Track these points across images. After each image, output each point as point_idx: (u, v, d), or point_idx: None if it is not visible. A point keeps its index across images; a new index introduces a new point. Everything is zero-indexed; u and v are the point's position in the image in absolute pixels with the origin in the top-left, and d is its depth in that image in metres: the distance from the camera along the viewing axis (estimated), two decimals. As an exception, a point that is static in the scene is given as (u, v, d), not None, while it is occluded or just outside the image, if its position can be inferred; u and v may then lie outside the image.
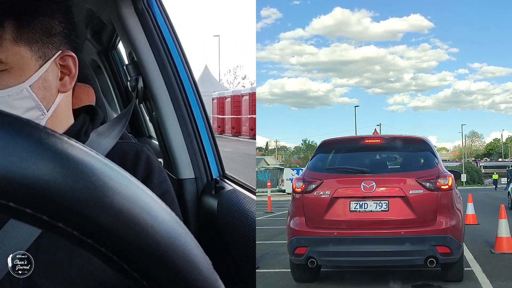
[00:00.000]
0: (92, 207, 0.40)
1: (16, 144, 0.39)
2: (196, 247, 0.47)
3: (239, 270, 1.91)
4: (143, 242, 0.42)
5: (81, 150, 0.42)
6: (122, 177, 0.43)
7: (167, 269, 0.43)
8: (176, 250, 0.44)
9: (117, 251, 0.42)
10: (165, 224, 0.44)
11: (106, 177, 0.42)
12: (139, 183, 0.45)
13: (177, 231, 0.45)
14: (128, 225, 0.41)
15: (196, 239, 0.48)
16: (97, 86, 1.69)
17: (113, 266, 0.43)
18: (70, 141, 0.42)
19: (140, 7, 2.31)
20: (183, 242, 0.45)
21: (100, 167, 0.42)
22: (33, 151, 0.39)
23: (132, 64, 2.38)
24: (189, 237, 0.47)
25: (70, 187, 0.40)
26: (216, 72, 40.96)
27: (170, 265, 0.43)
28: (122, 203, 0.42)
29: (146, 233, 0.42)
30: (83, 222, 0.40)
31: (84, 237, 0.41)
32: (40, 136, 0.40)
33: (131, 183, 0.44)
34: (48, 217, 0.40)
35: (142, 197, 0.44)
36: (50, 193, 0.39)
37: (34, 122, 0.41)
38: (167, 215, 0.45)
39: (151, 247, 0.43)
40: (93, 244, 0.41)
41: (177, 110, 2.36)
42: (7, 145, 0.38)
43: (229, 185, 2.35)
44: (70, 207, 0.40)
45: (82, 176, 0.40)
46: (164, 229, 0.44)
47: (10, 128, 0.39)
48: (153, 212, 0.44)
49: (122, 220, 0.41)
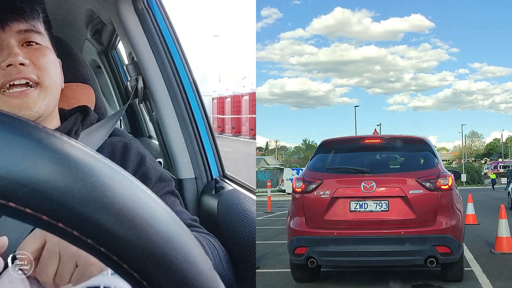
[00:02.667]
0: (92, 207, 0.40)
1: (16, 144, 0.39)
2: (196, 247, 0.47)
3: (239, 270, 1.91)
4: (143, 242, 0.42)
5: (81, 150, 0.42)
6: (122, 177, 0.43)
7: (167, 269, 0.43)
8: (176, 250, 0.44)
9: (117, 251, 0.42)
10: (165, 224, 0.44)
11: (106, 177, 0.42)
12: (139, 183, 0.45)
13: (177, 231, 0.45)
14: (128, 225, 0.41)
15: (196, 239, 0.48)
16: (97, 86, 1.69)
17: (113, 266, 0.43)
18: (70, 141, 0.42)
19: (140, 7, 2.31)
20: (183, 242, 0.45)
21: (100, 167, 0.42)
22: (33, 151, 0.39)
23: (132, 64, 2.38)
24: (189, 237, 0.47)
25: (70, 187, 0.40)
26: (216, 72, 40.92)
27: (170, 265, 0.43)
28: (122, 203, 0.42)
29: (146, 233, 0.42)
30: (83, 222, 0.40)
31: (84, 237, 0.41)
32: (40, 136, 0.40)
33: (131, 183, 0.44)
34: (48, 217, 0.40)
35: (142, 197, 0.44)
36: (50, 193, 0.39)
37: (34, 122, 0.41)
38: (167, 215, 0.45)
39: (151, 247, 0.43)
40: (93, 244, 0.41)
41: (177, 110, 2.36)
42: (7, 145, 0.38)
43: (229, 185, 2.35)
44: (70, 207, 0.40)
45: (82, 176, 0.40)
46: (164, 229, 0.44)
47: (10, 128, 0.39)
48: (153, 212, 0.44)
49: (122, 220, 0.41)
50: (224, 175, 2.51)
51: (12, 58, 1.21)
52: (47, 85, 1.27)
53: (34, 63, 1.25)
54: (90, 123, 1.47)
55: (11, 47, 1.22)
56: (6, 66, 1.21)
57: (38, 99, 1.25)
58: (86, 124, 1.45)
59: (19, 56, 1.22)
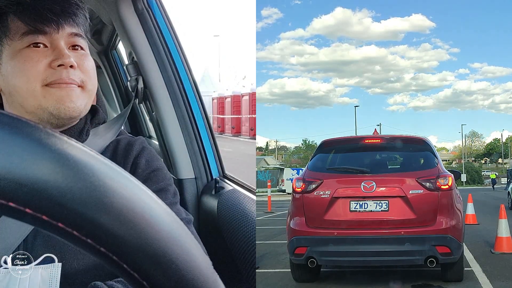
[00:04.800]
0: (92, 207, 0.40)
1: (16, 144, 0.39)
2: (196, 247, 0.47)
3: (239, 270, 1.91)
4: (143, 242, 0.42)
5: (81, 150, 0.42)
6: (122, 177, 0.43)
7: (167, 269, 0.43)
8: (176, 250, 0.44)
9: (117, 251, 0.42)
10: (165, 224, 0.44)
11: (106, 177, 0.42)
12: (140, 183, 0.45)
13: (177, 231, 0.45)
14: (128, 225, 0.41)
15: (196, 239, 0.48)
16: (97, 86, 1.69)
17: (113, 266, 0.43)
18: (70, 141, 0.42)
19: (140, 7, 2.31)
20: (183, 242, 0.45)
21: (100, 167, 0.42)
22: (33, 151, 0.39)
23: (132, 64, 2.38)
24: (189, 237, 0.47)
25: (70, 187, 0.40)
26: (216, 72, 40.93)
27: (170, 265, 0.44)
28: (122, 203, 0.42)
29: (146, 233, 0.42)
30: (83, 222, 0.40)
31: (84, 237, 0.41)
32: (40, 136, 0.40)
33: (131, 183, 0.44)
34: (48, 217, 0.40)
35: (142, 197, 0.44)
36: (50, 193, 0.39)
37: (34, 122, 0.41)
38: (167, 215, 0.45)
39: (151, 247, 0.43)
40: (93, 244, 0.41)
41: (177, 110, 2.36)
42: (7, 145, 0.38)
43: (229, 185, 2.35)
44: (70, 207, 0.40)
45: (82, 176, 0.40)
46: (164, 229, 0.44)
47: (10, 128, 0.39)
48: (153, 212, 0.44)
49: (122, 220, 0.41)
50: (224, 175, 2.51)
51: (65, 59, 1.27)
52: (89, 89, 1.34)
53: (80, 67, 1.31)
54: (98, 122, 1.50)
55: (62, 48, 1.28)
56: (57, 65, 1.27)
57: (80, 97, 1.31)
58: (95, 123, 1.49)
59: (70, 57, 1.28)
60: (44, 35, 1.27)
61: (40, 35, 1.27)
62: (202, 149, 2.40)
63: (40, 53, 1.27)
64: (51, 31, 1.27)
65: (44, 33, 1.27)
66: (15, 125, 0.40)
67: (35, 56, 1.26)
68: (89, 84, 1.33)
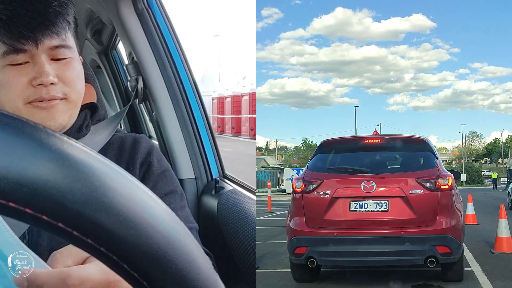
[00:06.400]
0: (92, 207, 0.40)
1: (16, 144, 0.39)
2: (196, 247, 0.47)
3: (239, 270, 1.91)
4: (143, 242, 0.42)
5: (81, 150, 0.42)
6: (122, 177, 0.43)
7: (167, 269, 0.43)
8: (176, 250, 0.44)
9: (117, 251, 0.42)
10: (165, 224, 0.44)
11: (106, 177, 0.42)
12: (140, 183, 0.45)
13: (177, 231, 0.45)
14: (128, 225, 0.41)
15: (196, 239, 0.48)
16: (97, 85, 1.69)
17: (113, 266, 0.43)
18: (70, 141, 0.42)
19: (140, 7, 2.31)
20: (183, 242, 0.45)
21: (100, 167, 0.42)
22: (33, 151, 0.39)
23: (132, 64, 2.37)
24: (189, 237, 0.47)
25: (70, 187, 0.40)
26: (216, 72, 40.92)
27: (170, 265, 0.43)
28: (123, 203, 0.42)
29: (146, 233, 0.42)
30: (83, 222, 0.40)
31: (84, 237, 0.41)
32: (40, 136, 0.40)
33: (131, 183, 0.44)
34: (48, 217, 0.40)
35: (142, 197, 0.44)
36: (50, 193, 0.39)
37: (34, 122, 0.41)
38: (167, 215, 0.45)
39: (151, 247, 0.43)
40: (93, 244, 0.41)
41: (177, 110, 2.36)
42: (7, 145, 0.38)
43: (229, 185, 2.35)
44: (70, 207, 0.40)
45: (82, 176, 0.40)
46: (164, 229, 0.44)
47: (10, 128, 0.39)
48: (153, 212, 0.44)
49: (122, 220, 0.41)
50: (224, 175, 2.51)
51: (44, 78, 1.25)
52: (73, 99, 1.32)
53: (62, 79, 1.30)
54: (98, 119, 1.52)
55: (42, 65, 1.26)
56: (37, 84, 1.26)
57: (63, 111, 1.30)
58: (95, 119, 1.50)
59: (49, 76, 1.26)
60: (23, 53, 1.25)
61: (19, 53, 1.25)
62: (202, 149, 2.40)
63: (22, 70, 1.25)
64: (29, 48, 1.24)
65: (24, 51, 1.25)
66: (15, 125, 0.40)
67: (17, 73, 1.25)
68: (73, 94, 1.31)
